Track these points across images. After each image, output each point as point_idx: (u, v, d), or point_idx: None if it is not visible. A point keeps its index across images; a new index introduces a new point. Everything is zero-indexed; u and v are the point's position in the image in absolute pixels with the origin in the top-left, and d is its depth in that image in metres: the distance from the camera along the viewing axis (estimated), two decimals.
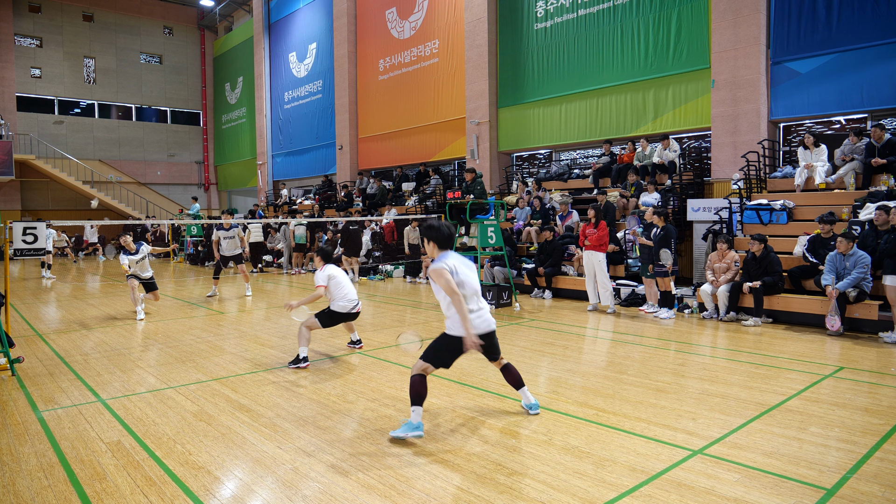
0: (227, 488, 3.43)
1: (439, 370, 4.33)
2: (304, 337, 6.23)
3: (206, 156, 33.50)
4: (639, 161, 13.05)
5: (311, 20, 24.74)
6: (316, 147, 24.82)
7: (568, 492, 3.30)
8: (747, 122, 11.56)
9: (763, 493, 3.26)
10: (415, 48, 19.66)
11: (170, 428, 4.37)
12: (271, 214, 23.62)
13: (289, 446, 4.01)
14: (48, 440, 4.17)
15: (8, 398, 5.19)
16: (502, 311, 9.87)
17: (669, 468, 3.59)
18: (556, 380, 5.61)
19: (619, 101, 14.09)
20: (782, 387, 5.28)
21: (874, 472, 3.51)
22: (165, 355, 6.78)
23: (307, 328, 6.30)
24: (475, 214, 10.45)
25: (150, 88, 31.48)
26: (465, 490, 3.33)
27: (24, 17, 27.90)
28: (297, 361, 6.13)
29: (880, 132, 9.58)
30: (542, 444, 3.98)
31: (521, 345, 7.19)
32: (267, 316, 9.59)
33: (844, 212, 9.27)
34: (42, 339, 7.76)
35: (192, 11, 32.85)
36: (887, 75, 10.22)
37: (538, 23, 15.75)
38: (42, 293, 13.00)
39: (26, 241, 7.07)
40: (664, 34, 13.12)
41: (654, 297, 9.41)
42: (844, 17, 10.61)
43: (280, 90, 27.08)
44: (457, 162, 19.03)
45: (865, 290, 7.56)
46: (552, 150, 16.34)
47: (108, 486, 3.45)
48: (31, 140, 27.63)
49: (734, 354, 6.64)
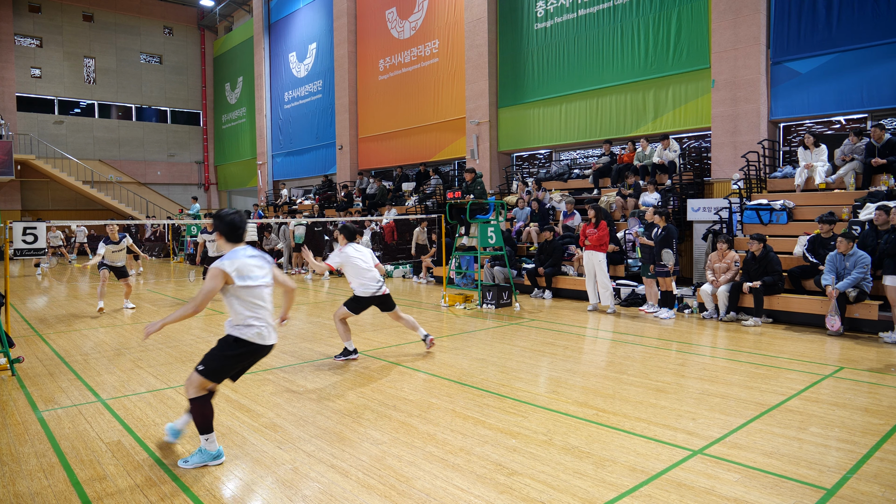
0: (227, 488, 3.43)
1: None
2: (342, 331, 6.20)
3: (206, 156, 33.49)
4: (639, 161, 13.05)
5: (311, 20, 24.74)
6: (316, 147, 24.82)
7: (568, 492, 3.30)
8: (747, 122, 11.56)
9: (763, 493, 3.26)
10: (415, 48, 19.66)
11: None
12: (271, 214, 23.62)
13: (289, 446, 4.01)
14: (48, 440, 4.17)
15: (8, 398, 5.19)
16: (502, 311, 9.87)
17: (669, 468, 3.59)
18: (556, 380, 5.61)
19: (619, 101, 14.09)
20: (782, 387, 5.28)
21: (874, 472, 3.51)
22: (165, 355, 6.78)
23: (341, 320, 6.23)
24: (475, 214, 10.45)
25: (150, 88, 31.48)
26: (465, 490, 3.33)
27: (24, 17, 27.90)
28: (346, 354, 6.20)
29: (880, 132, 9.58)
30: (542, 444, 3.98)
31: (521, 345, 7.19)
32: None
33: (844, 212, 9.27)
34: (42, 339, 7.76)
35: (192, 11, 32.85)
36: (887, 75, 10.22)
37: (538, 23, 15.75)
38: (42, 293, 13.00)
39: (26, 241, 7.07)
40: (664, 34, 13.13)
41: (655, 297, 9.41)
42: (844, 17, 10.61)
43: (280, 90, 27.08)
44: (457, 162, 19.03)
45: (865, 290, 7.56)
46: (552, 150, 16.34)
47: (108, 486, 3.45)
48: (31, 140, 27.63)
49: (734, 354, 6.64)
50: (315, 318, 9.27)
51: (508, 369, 6.00)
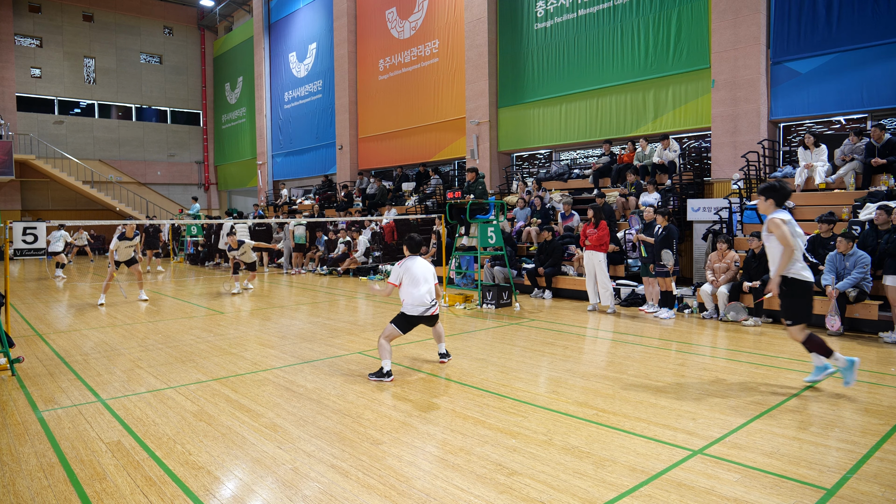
0: (227, 488, 3.43)
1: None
2: (386, 350, 5.68)
3: (206, 156, 33.49)
4: (639, 161, 13.05)
5: (311, 20, 24.75)
6: (316, 147, 24.82)
7: (568, 492, 3.30)
8: (747, 122, 11.56)
9: (763, 493, 3.26)
10: (415, 48, 19.66)
11: (170, 428, 4.37)
12: (271, 214, 23.63)
13: (289, 446, 4.00)
14: (48, 440, 4.17)
15: (8, 398, 5.19)
16: (502, 311, 9.87)
17: (669, 468, 3.59)
18: (556, 380, 5.61)
19: (619, 101, 14.09)
20: (782, 387, 5.28)
21: (874, 472, 3.51)
22: (165, 355, 6.78)
23: (387, 340, 5.76)
24: (475, 214, 10.45)
25: (150, 88, 31.48)
26: (465, 490, 3.33)
27: (24, 17, 27.90)
28: (381, 375, 5.58)
29: (880, 132, 9.58)
30: (542, 444, 3.98)
31: (521, 345, 7.19)
32: (267, 316, 9.59)
33: (844, 212, 9.27)
34: (42, 339, 7.76)
35: (192, 11, 32.85)
36: (887, 75, 10.22)
37: (538, 23, 15.75)
38: (42, 293, 13.00)
39: (26, 241, 7.07)
40: (664, 34, 13.13)
41: (655, 297, 9.41)
42: (844, 17, 10.61)
43: (280, 90, 27.08)
44: (457, 162, 19.03)
45: (865, 290, 7.56)
46: (552, 150, 16.34)
47: (108, 486, 3.45)
48: (31, 140, 27.63)
49: (734, 354, 6.64)
50: (315, 318, 9.27)
51: (508, 369, 6.00)
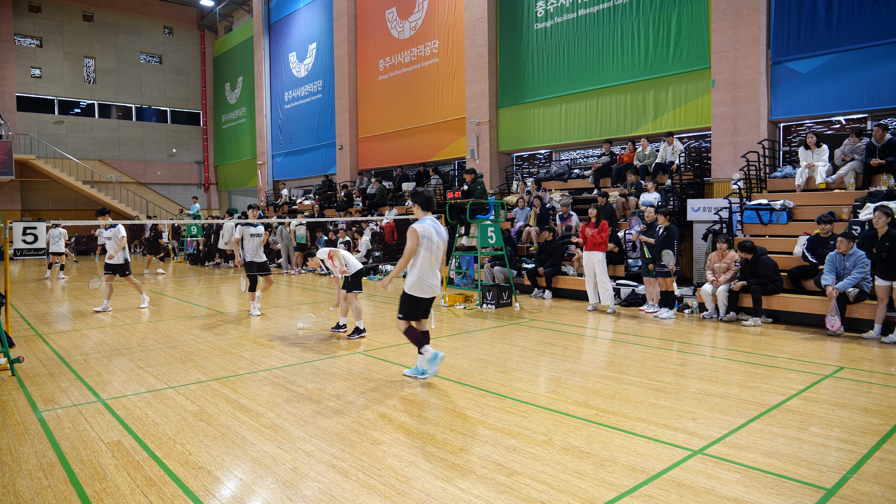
0: (227, 488, 3.42)
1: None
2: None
3: (206, 156, 33.50)
4: (639, 161, 13.05)
5: (311, 20, 24.74)
6: (316, 147, 24.82)
7: (568, 492, 3.30)
8: (747, 122, 11.56)
9: (763, 493, 3.26)
10: (415, 48, 19.66)
11: (170, 428, 4.37)
12: (271, 214, 23.63)
13: (289, 446, 4.00)
14: (48, 440, 4.17)
15: (8, 398, 5.19)
16: (502, 311, 9.86)
17: (669, 468, 3.59)
18: (556, 380, 5.61)
19: (619, 101, 14.09)
20: (782, 387, 5.28)
21: (874, 472, 3.51)
22: (165, 355, 6.78)
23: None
24: (475, 214, 10.45)
25: (150, 88, 31.48)
26: (465, 490, 3.33)
27: (24, 17, 27.90)
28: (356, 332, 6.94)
29: (882, 132, 9.58)
30: (542, 444, 3.98)
31: (521, 345, 7.19)
32: (267, 316, 9.58)
33: (844, 212, 9.27)
34: (42, 339, 7.76)
35: (192, 11, 32.85)
36: (887, 75, 10.22)
37: (538, 23, 15.75)
38: (42, 293, 13.00)
39: (26, 241, 7.07)
40: (664, 34, 13.13)
41: (655, 297, 9.41)
42: (844, 17, 10.61)
43: (280, 90, 27.08)
44: (457, 162, 19.03)
45: (865, 290, 7.56)
46: (552, 150, 16.34)
47: (108, 486, 3.45)
48: (31, 140, 27.63)
49: (734, 354, 6.64)
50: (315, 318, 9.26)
51: (508, 369, 6.00)
